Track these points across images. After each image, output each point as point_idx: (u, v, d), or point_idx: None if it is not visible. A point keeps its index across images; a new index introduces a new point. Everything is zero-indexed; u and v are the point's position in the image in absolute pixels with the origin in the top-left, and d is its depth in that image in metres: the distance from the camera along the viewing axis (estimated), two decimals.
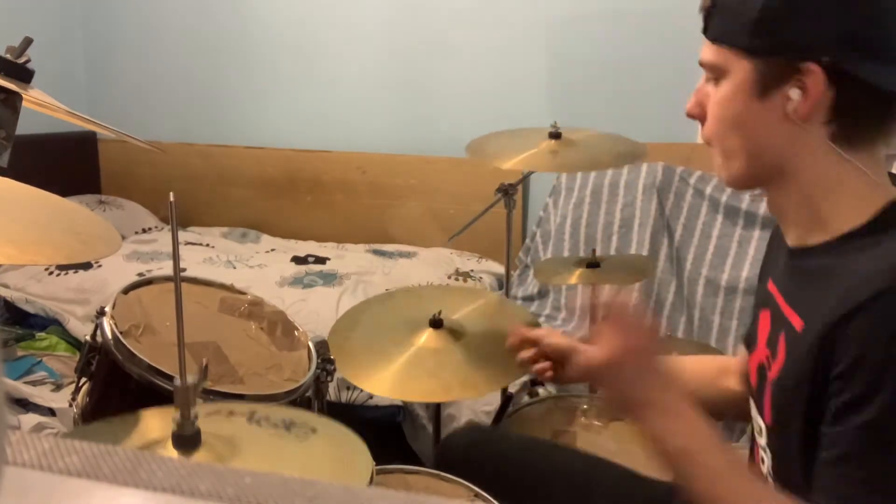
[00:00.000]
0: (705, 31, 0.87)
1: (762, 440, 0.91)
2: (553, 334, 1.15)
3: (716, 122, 0.87)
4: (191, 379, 0.77)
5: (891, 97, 0.80)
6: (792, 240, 0.88)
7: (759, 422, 0.91)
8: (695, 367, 1.18)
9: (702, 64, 0.88)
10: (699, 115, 0.90)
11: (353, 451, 0.84)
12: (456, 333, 1.34)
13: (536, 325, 1.30)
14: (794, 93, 0.80)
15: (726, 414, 1.15)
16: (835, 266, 0.80)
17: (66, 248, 0.82)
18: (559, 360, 1.11)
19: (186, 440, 0.77)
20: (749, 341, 1.03)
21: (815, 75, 0.78)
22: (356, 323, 1.40)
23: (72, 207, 1.02)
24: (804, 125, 0.81)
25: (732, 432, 2.03)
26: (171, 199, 0.73)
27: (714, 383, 1.13)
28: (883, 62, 0.78)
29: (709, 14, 0.86)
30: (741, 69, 0.82)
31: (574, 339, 1.10)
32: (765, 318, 0.92)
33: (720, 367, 1.16)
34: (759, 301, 0.98)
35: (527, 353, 1.15)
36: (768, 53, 0.81)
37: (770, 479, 0.90)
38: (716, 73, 0.86)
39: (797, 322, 0.83)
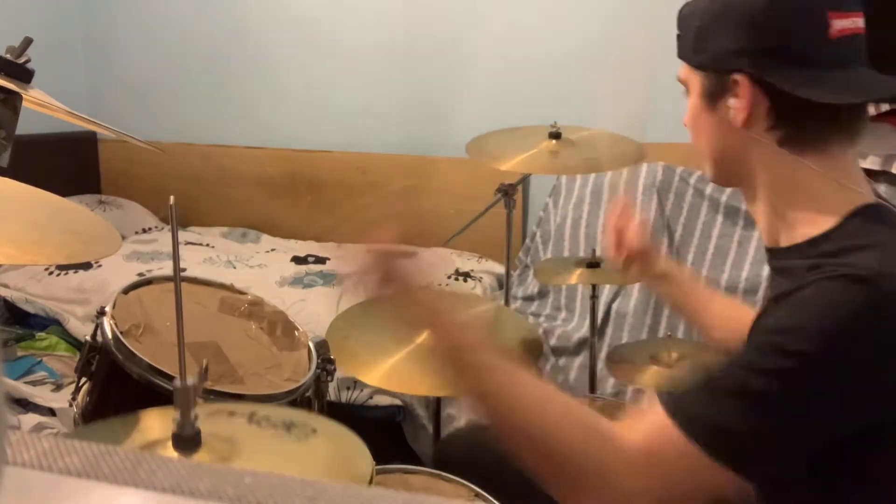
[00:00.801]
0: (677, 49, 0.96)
1: None
2: (640, 230, 1.27)
3: (689, 130, 0.97)
4: (191, 380, 0.77)
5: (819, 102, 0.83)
6: (766, 241, 0.93)
7: None
8: (729, 306, 1.22)
9: (678, 79, 0.97)
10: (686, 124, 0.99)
11: (353, 451, 0.84)
12: None
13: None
14: (732, 101, 0.87)
15: None
16: (794, 269, 0.82)
17: (65, 248, 0.82)
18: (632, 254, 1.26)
19: (186, 441, 0.77)
20: None
21: (743, 85, 0.85)
22: (355, 321, 1.41)
23: (72, 207, 1.02)
24: (751, 132, 0.87)
25: None
26: (172, 202, 0.73)
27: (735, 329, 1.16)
28: (807, 70, 0.83)
29: (677, 36, 0.96)
30: (695, 83, 0.92)
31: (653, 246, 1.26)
32: None
33: (733, 314, 1.18)
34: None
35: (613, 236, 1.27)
36: (705, 67, 0.90)
37: None
38: (685, 87, 0.95)
39: None
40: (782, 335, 0.75)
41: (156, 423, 0.86)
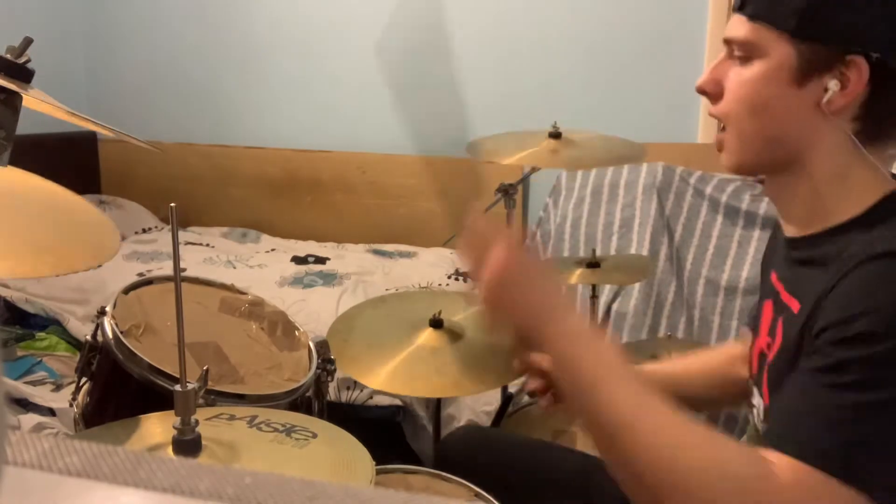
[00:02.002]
0: (742, 7, 0.83)
1: (762, 425, 0.91)
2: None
3: (737, 103, 0.84)
4: (191, 385, 0.78)
5: None
6: (791, 229, 0.88)
7: (760, 407, 0.92)
8: (702, 363, 1.18)
9: (730, 40, 0.84)
10: (713, 92, 0.87)
11: (353, 456, 0.84)
12: (455, 334, 1.34)
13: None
14: (833, 84, 0.78)
15: (739, 401, 1.14)
16: (829, 252, 0.80)
17: (66, 259, 0.81)
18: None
19: (187, 445, 0.77)
20: (753, 326, 1.04)
21: (860, 69, 0.76)
22: (355, 323, 1.41)
23: (73, 201, 1.01)
24: (832, 118, 0.79)
25: (736, 423, 2.03)
26: (173, 206, 0.74)
27: (726, 375, 1.14)
28: None
29: None
30: (781, 52, 0.79)
31: None
32: (767, 308, 0.93)
33: (728, 357, 1.16)
34: (762, 293, 0.99)
35: (533, 382, 1.08)
36: (816, 40, 0.78)
37: None
38: (748, 52, 0.82)
39: (795, 306, 0.83)
40: (853, 324, 0.70)
41: (156, 428, 0.86)
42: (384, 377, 1.25)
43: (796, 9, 0.77)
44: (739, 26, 0.82)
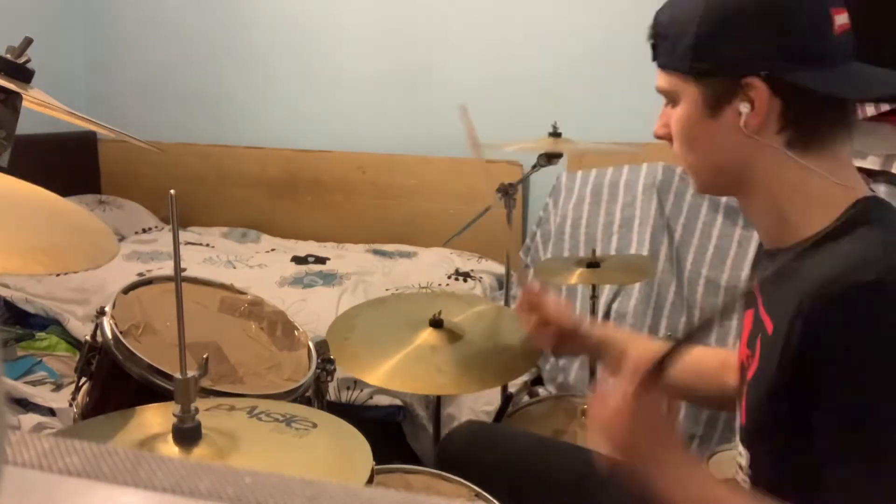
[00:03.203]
0: (654, 59, 0.91)
1: (739, 444, 0.93)
2: (560, 307, 1.17)
3: (678, 142, 0.91)
4: (191, 372, 0.78)
5: (835, 100, 0.82)
6: (766, 243, 0.91)
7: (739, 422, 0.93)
8: (696, 361, 1.19)
9: (658, 91, 0.92)
10: (666, 136, 0.94)
11: (353, 445, 0.84)
12: (455, 334, 1.34)
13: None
14: (744, 107, 0.83)
15: (727, 408, 1.15)
16: (799, 268, 0.81)
17: (61, 258, 0.81)
18: (560, 333, 1.15)
19: (187, 434, 0.77)
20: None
21: (759, 88, 0.81)
22: (355, 322, 1.41)
23: (70, 209, 1.01)
24: (758, 136, 0.84)
25: (733, 433, 2.03)
26: (172, 193, 0.73)
27: (715, 378, 1.14)
28: (818, 67, 0.81)
29: (654, 44, 0.91)
30: (690, 92, 0.86)
31: (578, 320, 1.14)
32: (748, 318, 0.94)
33: (721, 362, 1.16)
34: (746, 302, 0.99)
35: (529, 318, 1.16)
36: (710, 74, 0.84)
37: (747, 478, 0.91)
38: (670, 98, 0.90)
39: (769, 325, 0.84)
40: (863, 345, 0.73)
41: (156, 418, 0.86)
42: (384, 375, 1.25)
43: (686, 52, 0.85)
44: (659, 77, 0.91)
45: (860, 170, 0.90)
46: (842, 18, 0.82)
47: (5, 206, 0.84)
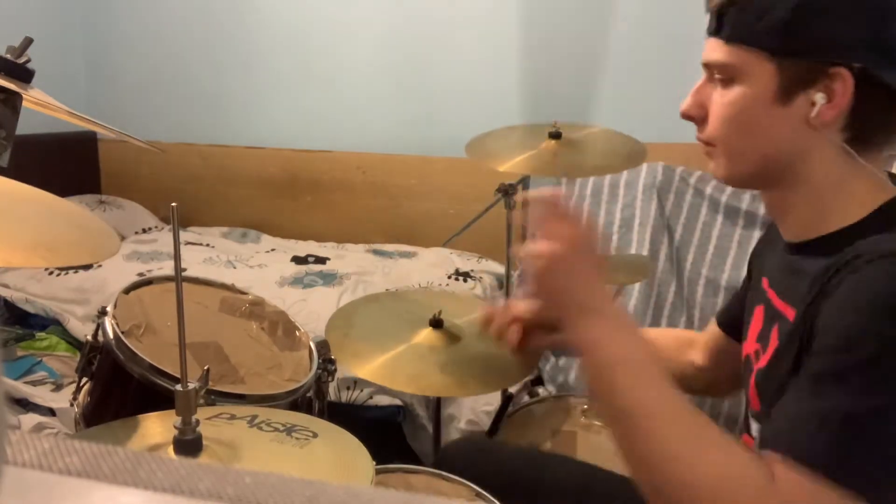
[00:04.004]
0: (718, 30, 0.83)
1: (754, 426, 0.92)
2: (517, 304, 1.02)
3: (724, 125, 0.84)
4: (192, 384, 0.78)
5: None
6: (790, 236, 0.88)
7: (750, 410, 0.93)
8: (657, 338, 1.19)
9: (709, 64, 0.84)
10: (698, 116, 0.87)
11: (353, 456, 0.84)
12: (454, 336, 1.34)
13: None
14: (820, 97, 0.77)
15: (688, 388, 1.12)
16: (827, 257, 0.80)
17: (62, 251, 0.81)
18: (530, 326, 1.01)
19: (187, 445, 0.77)
20: (726, 321, 1.07)
21: (845, 80, 0.76)
22: (352, 321, 1.40)
23: (71, 209, 1.02)
24: (822, 130, 0.79)
25: (736, 423, 2.03)
26: (174, 206, 0.73)
27: (676, 356, 1.15)
28: None
29: (723, 13, 0.82)
30: (763, 72, 0.79)
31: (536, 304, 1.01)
32: (758, 314, 0.93)
33: (683, 340, 1.16)
34: (753, 298, 0.98)
35: (494, 327, 1.03)
36: (797, 56, 0.77)
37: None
38: (729, 74, 0.82)
39: (790, 313, 0.83)
40: (850, 328, 0.70)
41: (157, 428, 0.86)
42: (383, 369, 1.25)
43: (774, 27, 0.77)
44: (717, 49, 0.82)
45: None
46: None
47: (6, 203, 0.85)
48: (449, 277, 2.67)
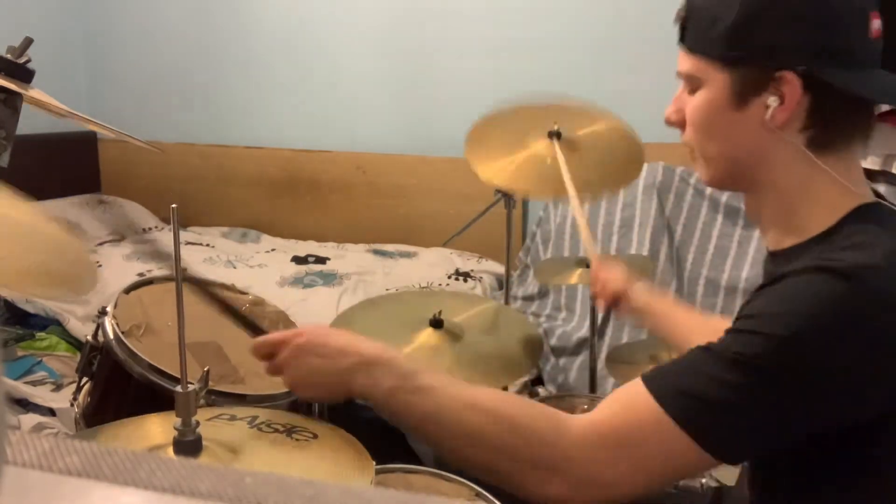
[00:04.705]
0: (681, 40, 0.88)
1: None
2: (612, 274, 1.27)
3: (694, 130, 0.89)
4: (192, 386, 0.78)
5: (862, 103, 0.82)
6: (769, 243, 0.90)
7: None
8: (672, 320, 1.21)
9: (679, 74, 0.89)
10: (678, 122, 0.91)
11: (354, 457, 0.84)
12: (455, 335, 1.34)
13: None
14: (772, 101, 0.81)
15: None
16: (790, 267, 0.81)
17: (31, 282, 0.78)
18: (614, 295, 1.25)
19: (187, 446, 0.77)
20: None
21: (792, 83, 0.80)
22: (353, 326, 1.40)
23: (51, 236, 0.98)
24: (781, 132, 0.82)
25: None
26: (174, 207, 0.73)
27: (682, 340, 1.15)
28: (853, 69, 0.80)
29: (684, 24, 0.87)
30: (717, 79, 0.84)
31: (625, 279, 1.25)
32: None
33: (714, 329, 1.16)
34: None
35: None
36: (744, 63, 0.82)
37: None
38: (692, 83, 0.87)
39: None
40: (758, 319, 0.75)
41: (157, 429, 0.86)
42: None
43: (721, 36, 0.82)
44: (683, 60, 0.88)
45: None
46: (877, 23, 0.81)
47: None
48: (449, 277, 2.67)
